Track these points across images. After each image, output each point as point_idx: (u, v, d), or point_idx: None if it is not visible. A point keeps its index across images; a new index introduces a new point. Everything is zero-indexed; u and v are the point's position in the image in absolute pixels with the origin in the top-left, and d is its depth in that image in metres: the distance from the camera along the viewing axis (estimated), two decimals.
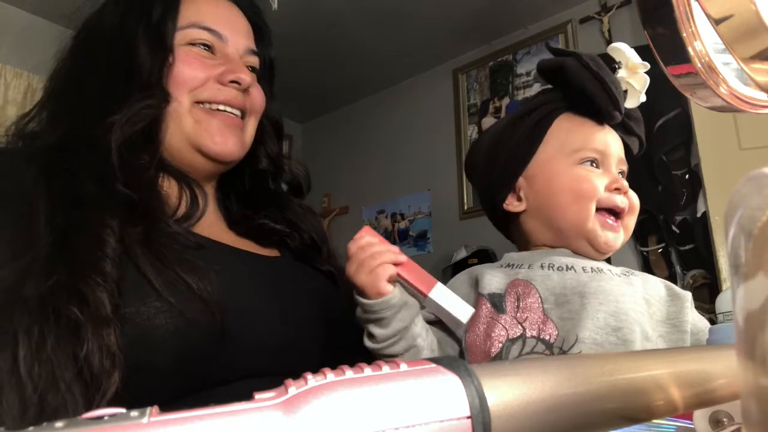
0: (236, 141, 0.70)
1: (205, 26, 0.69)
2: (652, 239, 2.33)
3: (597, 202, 0.67)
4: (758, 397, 0.22)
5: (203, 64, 0.68)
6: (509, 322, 0.63)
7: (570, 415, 0.23)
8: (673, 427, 0.35)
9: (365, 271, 0.58)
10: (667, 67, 0.29)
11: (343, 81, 3.45)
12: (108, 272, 0.51)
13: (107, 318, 0.49)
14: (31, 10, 2.74)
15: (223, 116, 0.69)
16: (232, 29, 0.72)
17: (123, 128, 0.61)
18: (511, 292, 0.65)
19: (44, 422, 0.17)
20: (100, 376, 0.47)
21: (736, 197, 0.23)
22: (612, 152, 0.70)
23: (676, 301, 0.66)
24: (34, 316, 0.48)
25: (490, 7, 2.76)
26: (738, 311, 0.23)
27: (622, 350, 0.58)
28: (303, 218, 0.79)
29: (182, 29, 0.68)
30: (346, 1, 2.73)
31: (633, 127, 0.73)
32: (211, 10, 0.71)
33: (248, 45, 0.74)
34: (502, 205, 0.75)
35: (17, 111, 2.62)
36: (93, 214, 0.56)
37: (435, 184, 3.21)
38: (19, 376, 0.46)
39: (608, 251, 0.69)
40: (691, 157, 2.17)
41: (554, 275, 0.65)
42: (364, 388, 0.20)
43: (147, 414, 0.18)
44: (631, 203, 0.70)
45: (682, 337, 0.64)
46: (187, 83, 0.67)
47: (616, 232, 0.69)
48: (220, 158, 0.69)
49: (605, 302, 0.61)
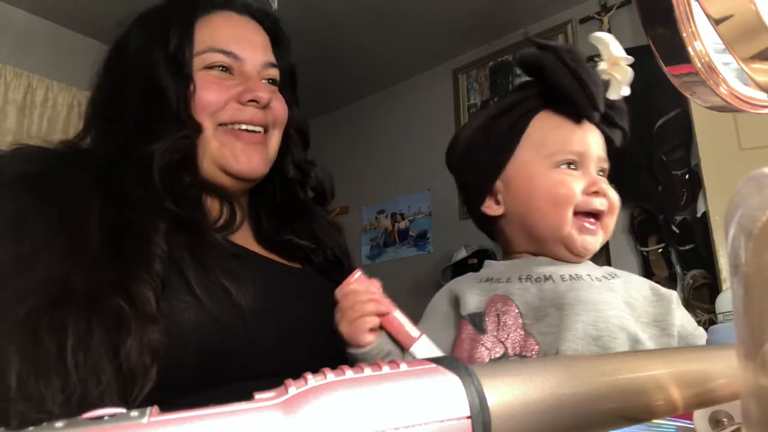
0: (260, 159, 0.72)
1: (220, 49, 0.71)
2: (652, 239, 2.33)
3: (575, 206, 0.66)
4: (758, 397, 0.22)
5: (221, 86, 0.70)
6: (491, 341, 0.62)
7: (570, 415, 0.23)
8: (673, 427, 0.35)
9: (346, 321, 0.60)
10: (667, 67, 0.29)
11: (343, 81, 3.45)
12: (156, 270, 0.54)
13: (152, 315, 0.51)
14: (31, 10, 2.74)
15: (247, 136, 0.71)
16: (248, 46, 0.73)
17: (162, 156, 0.64)
18: (490, 311, 0.65)
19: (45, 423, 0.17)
20: (137, 371, 0.49)
21: (736, 197, 0.23)
22: (591, 153, 0.68)
23: (661, 302, 0.65)
24: (83, 308, 0.50)
25: (490, 7, 2.76)
26: (738, 311, 0.23)
27: None
28: (328, 234, 0.81)
29: (198, 54, 0.70)
30: (346, 1, 2.73)
31: (615, 118, 0.70)
32: (226, 30, 0.73)
33: (266, 59, 0.75)
34: (479, 208, 0.74)
35: (17, 111, 2.63)
36: (143, 215, 0.59)
37: (435, 184, 3.21)
38: (65, 364, 0.47)
39: (586, 255, 0.68)
40: (691, 157, 2.17)
41: (532, 288, 0.64)
42: (364, 388, 0.20)
43: (147, 414, 0.18)
44: (610, 204, 0.68)
45: (669, 341, 0.62)
46: (208, 108, 0.69)
47: (595, 235, 0.67)
48: (245, 177, 0.71)
49: (583, 312, 0.60)
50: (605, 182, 0.69)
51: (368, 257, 3.44)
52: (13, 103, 2.63)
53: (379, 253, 3.40)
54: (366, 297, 0.60)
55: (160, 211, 0.61)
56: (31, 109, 2.68)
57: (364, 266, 3.34)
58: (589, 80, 0.65)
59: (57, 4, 2.67)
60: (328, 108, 3.75)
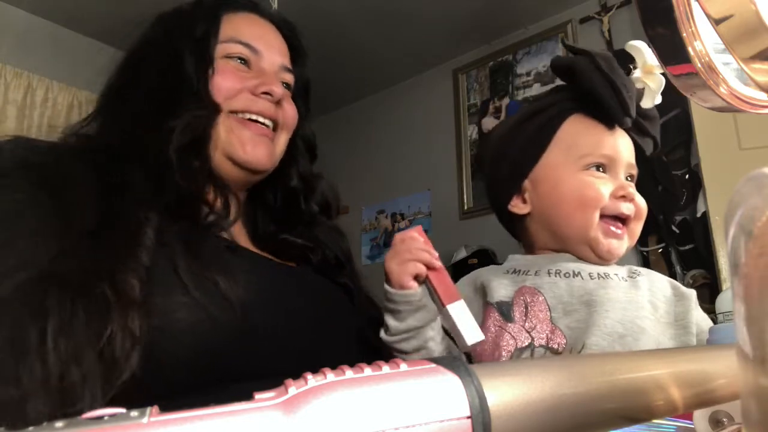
0: (266, 151, 0.73)
1: (242, 41, 0.73)
2: (652, 239, 2.33)
3: (602, 209, 0.66)
4: (758, 397, 0.22)
5: (238, 76, 0.72)
6: (517, 330, 0.63)
7: (570, 415, 0.23)
8: (673, 427, 0.35)
9: (396, 261, 0.60)
10: (667, 67, 0.29)
11: (343, 81, 3.44)
12: (141, 260, 0.54)
13: (135, 301, 0.51)
14: (31, 10, 2.74)
15: (255, 126, 0.72)
16: (268, 45, 0.75)
17: (180, 135, 0.65)
18: (518, 300, 0.65)
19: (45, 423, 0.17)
20: (119, 358, 0.49)
21: (736, 197, 0.23)
22: (621, 158, 0.69)
23: (682, 301, 0.66)
24: (67, 290, 0.50)
25: (490, 7, 2.76)
26: (738, 311, 0.23)
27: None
28: (330, 237, 0.81)
29: (222, 43, 0.72)
30: (346, 1, 2.73)
31: (647, 127, 0.71)
32: (248, 27, 0.76)
33: (283, 62, 0.77)
34: (507, 206, 0.74)
35: (17, 111, 2.63)
36: (135, 205, 0.59)
37: (435, 184, 3.21)
38: (45, 346, 0.47)
39: (611, 258, 0.68)
40: (691, 157, 2.17)
41: (561, 282, 0.65)
42: (364, 388, 0.20)
43: (147, 414, 0.18)
44: (637, 209, 0.69)
45: (689, 339, 0.63)
46: (222, 93, 0.70)
47: (621, 239, 0.68)
48: (249, 166, 0.72)
49: (612, 310, 0.61)
50: (633, 188, 0.69)
51: (368, 257, 3.44)
52: (13, 103, 2.63)
53: (379, 253, 3.40)
54: (423, 246, 0.61)
55: (155, 199, 0.61)
56: (31, 109, 2.68)
57: (363, 266, 3.35)
58: (622, 86, 0.66)
59: (57, 4, 2.67)
60: (328, 108, 3.75)
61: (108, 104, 0.74)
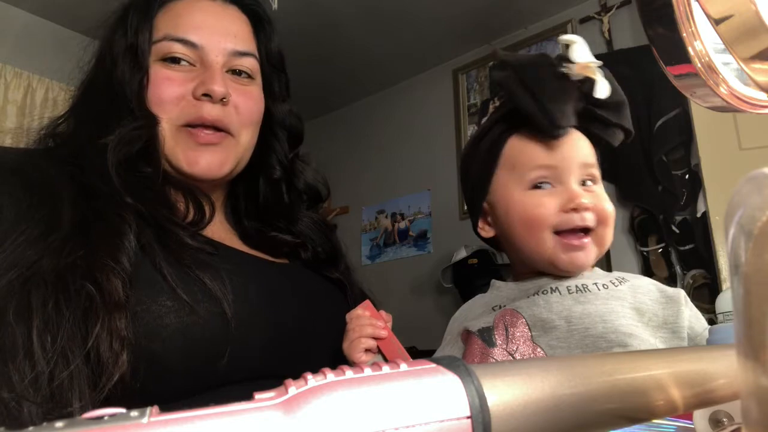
0: (213, 160, 0.67)
1: (178, 37, 0.66)
2: (652, 239, 2.33)
3: (555, 226, 0.64)
4: (758, 397, 0.22)
5: (173, 82, 0.65)
6: (500, 354, 0.62)
7: (570, 415, 0.23)
8: (673, 427, 0.35)
9: (347, 342, 0.64)
10: (667, 67, 0.29)
11: (343, 81, 3.45)
12: (123, 262, 0.53)
13: (120, 303, 0.50)
14: (31, 10, 2.74)
15: (202, 135, 0.66)
16: (210, 33, 0.67)
17: (116, 150, 0.61)
18: (499, 324, 0.65)
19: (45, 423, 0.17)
20: (107, 360, 0.48)
21: (736, 197, 0.23)
22: (568, 165, 0.65)
23: (670, 305, 0.64)
24: (51, 289, 0.49)
25: (490, 7, 2.76)
26: (738, 311, 0.23)
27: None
28: (317, 231, 0.78)
29: (156, 43, 0.66)
30: (346, 1, 2.73)
31: (608, 117, 0.66)
32: (187, 16, 0.67)
33: (233, 47, 0.68)
34: (476, 229, 0.74)
35: (17, 111, 2.63)
36: (112, 207, 0.58)
37: (435, 184, 3.21)
38: (32, 346, 0.47)
39: (578, 271, 0.66)
40: (691, 157, 2.17)
41: (540, 300, 0.64)
42: (364, 388, 0.20)
43: (147, 414, 0.18)
44: (599, 215, 0.64)
45: (680, 344, 0.62)
46: (159, 104, 0.65)
47: (583, 249, 0.64)
48: (195, 178, 0.67)
49: (591, 326, 0.60)
50: (593, 192, 0.66)
51: (368, 257, 3.44)
52: (13, 103, 2.63)
53: (379, 253, 3.40)
54: (367, 321, 0.64)
55: (127, 204, 0.59)
56: (31, 109, 2.68)
57: (363, 266, 3.36)
58: (547, 96, 0.63)
59: (57, 4, 2.67)
60: (328, 108, 3.75)
61: (77, 102, 0.71)
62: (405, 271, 3.19)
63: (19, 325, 0.47)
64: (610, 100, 0.66)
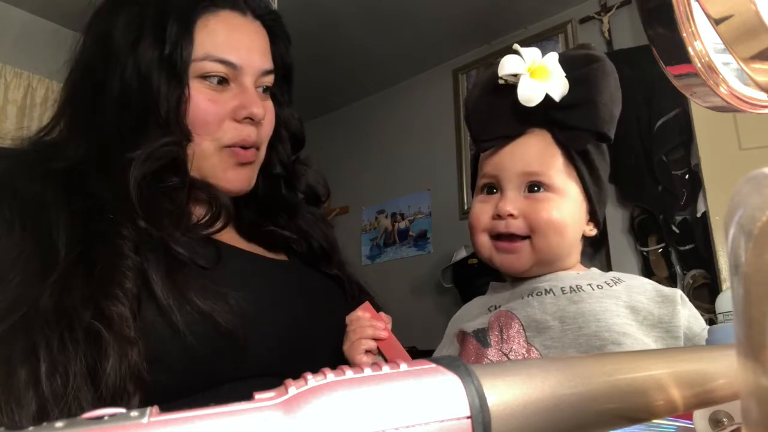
0: (249, 177, 0.71)
1: (219, 58, 0.66)
2: (652, 239, 2.33)
3: (488, 230, 0.68)
4: (758, 397, 0.22)
5: (216, 102, 0.66)
6: (494, 354, 0.63)
7: (570, 415, 0.23)
8: (673, 427, 0.35)
9: (347, 344, 0.65)
10: (667, 67, 0.29)
11: (343, 81, 3.45)
12: (128, 287, 0.51)
13: (130, 337, 0.49)
14: (31, 10, 2.74)
15: (242, 154, 0.69)
16: (248, 53, 0.68)
17: (143, 165, 0.59)
18: (494, 324, 0.65)
19: (45, 422, 0.17)
20: (119, 398, 0.47)
21: (736, 197, 0.23)
22: (503, 174, 0.67)
23: (666, 304, 0.64)
24: (53, 329, 0.47)
25: (490, 7, 2.76)
26: (738, 311, 0.23)
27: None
28: (313, 226, 0.79)
29: (197, 61, 0.65)
30: (346, 1, 2.73)
31: (568, 119, 0.65)
32: (228, 34, 0.67)
33: (264, 66, 0.70)
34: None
35: (17, 111, 2.63)
36: (111, 225, 0.56)
37: (435, 184, 3.21)
38: (39, 390, 0.45)
39: (513, 272, 0.69)
40: (691, 157, 2.17)
41: (534, 301, 0.65)
42: (364, 388, 0.20)
43: (147, 414, 0.18)
44: (531, 223, 0.65)
45: (676, 344, 0.62)
46: (206, 128, 0.65)
47: (513, 253, 0.66)
48: (231, 194, 0.70)
49: (585, 325, 0.60)
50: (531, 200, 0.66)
51: (368, 257, 3.44)
52: (13, 103, 2.63)
53: (379, 253, 3.40)
54: (367, 323, 0.65)
55: (132, 222, 0.57)
56: (31, 109, 2.68)
57: (364, 266, 3.35)
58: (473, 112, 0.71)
59: (57, 4, 2.67)
60: (328, 108, 3.75)
61: (72, 105, 0.68)
62: (405, 271, 3.19)
63: (23, 370, 0.45)
64: (573, 100, 0.65)
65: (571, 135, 0.66)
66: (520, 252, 0.66)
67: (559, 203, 0.66)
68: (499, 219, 0.66)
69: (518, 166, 0.67)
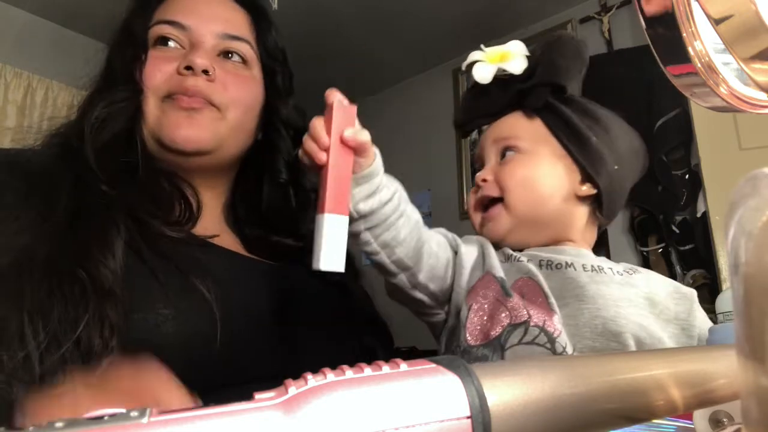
0: (197, 129, 0.66)
1: (167, 19, 0.69)
2: (652, 239, 2.33)
3: (479, 206, 0.73)
4: (758, 397, 0.22)
5: (161, 61, 0.67)
6: (516, 306, 0.60)
7: (570, 415, 0.23)
8: (673, 427, 0.35)
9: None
10: (667, 67, 0.29)
11: (343, 81, 3.43)
12: (110, 259, 0.53)
13: (110, 291, 0.51)
14: (31, 10, 2.73)
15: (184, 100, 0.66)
16: (200, 17, 0.69)
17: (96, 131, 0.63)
18: (515, 286, 0.63)
19: (46, 422, 0.17)
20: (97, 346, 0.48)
21: (736, 197, 0.23)
22: (483, 149, 0.74)
23: (683, 301, 0.64)
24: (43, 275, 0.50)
25: (490, 7, 2.76)
26: (738, 311, 0.23)
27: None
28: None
29: (152, 27, 0.69)
30: (346, 1, 2.73)
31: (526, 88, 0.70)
32: (179, 3, 0.71)
33: (223, 30, 0.69)
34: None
35: (17, 111, 2.63)
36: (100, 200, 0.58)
37: (435, 184, 3.21)
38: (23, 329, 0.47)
39: (498, 238, 0.71)
40: (691, 157, 2.17)
41: (554, 275, 0.63)
42: (364, 388, 0.20)
43: (147, 414, 0.18)
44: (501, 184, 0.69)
45: (689, 342, 0.62)
46: (151, 81, 0.67)
47: (491, 220, 0.70)
48: (177, 147, 0.66)
49: (603, 308, 0.59)
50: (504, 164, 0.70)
51: None
52: (13, 103, 2.63)
53: None
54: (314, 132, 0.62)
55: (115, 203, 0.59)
56: (31, 109, 2.68)
57: (364, 266, 3.34)
58: (460, 108, 0.78)
59: (57, 4, 2.67)
60: None
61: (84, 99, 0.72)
62: None
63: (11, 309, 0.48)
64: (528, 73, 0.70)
65: (531, 95, 0.70)
66: (496, 217, 0.70)
67: (526, 161, 0.69)
68: (479, 189, 0.72)
69: (491, 137, 0.73)
